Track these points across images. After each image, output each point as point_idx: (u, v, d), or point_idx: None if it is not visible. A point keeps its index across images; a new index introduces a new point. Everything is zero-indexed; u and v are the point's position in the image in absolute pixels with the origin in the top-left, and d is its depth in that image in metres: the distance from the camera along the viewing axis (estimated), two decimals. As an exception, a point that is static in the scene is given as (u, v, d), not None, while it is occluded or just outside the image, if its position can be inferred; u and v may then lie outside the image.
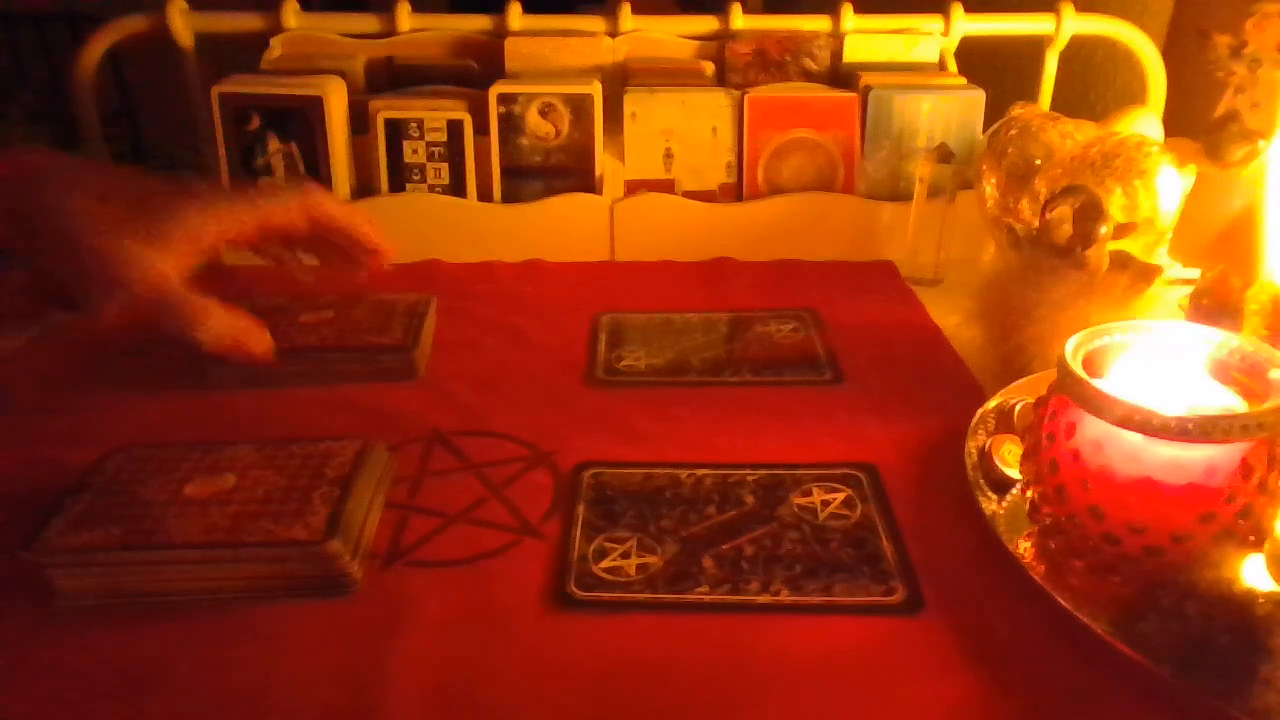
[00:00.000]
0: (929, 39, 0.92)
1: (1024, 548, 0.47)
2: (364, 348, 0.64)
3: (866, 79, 0.87)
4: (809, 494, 0.52)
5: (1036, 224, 0.65)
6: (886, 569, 0.47)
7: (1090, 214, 0.61)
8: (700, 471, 0.54)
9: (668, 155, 0.87)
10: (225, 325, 0.56)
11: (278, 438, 0.52)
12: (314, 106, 0.82)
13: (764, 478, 0.54)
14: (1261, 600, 0.40)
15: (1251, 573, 0.41)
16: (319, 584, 0.44)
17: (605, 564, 0.47)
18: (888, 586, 0.46)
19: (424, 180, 0.85)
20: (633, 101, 0.85)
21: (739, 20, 0.91)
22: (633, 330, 0.73)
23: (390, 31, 0.91)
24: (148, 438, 0.52)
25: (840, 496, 0.52)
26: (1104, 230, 0.60)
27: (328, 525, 0.44)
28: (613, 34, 0.91)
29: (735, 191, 0.88)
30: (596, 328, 0.73)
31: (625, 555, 0.48)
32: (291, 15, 0.89)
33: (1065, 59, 0.94)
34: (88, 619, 0.44)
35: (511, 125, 0.84)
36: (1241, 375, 0.45)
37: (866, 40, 0.92)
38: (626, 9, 0.90)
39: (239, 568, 0.44)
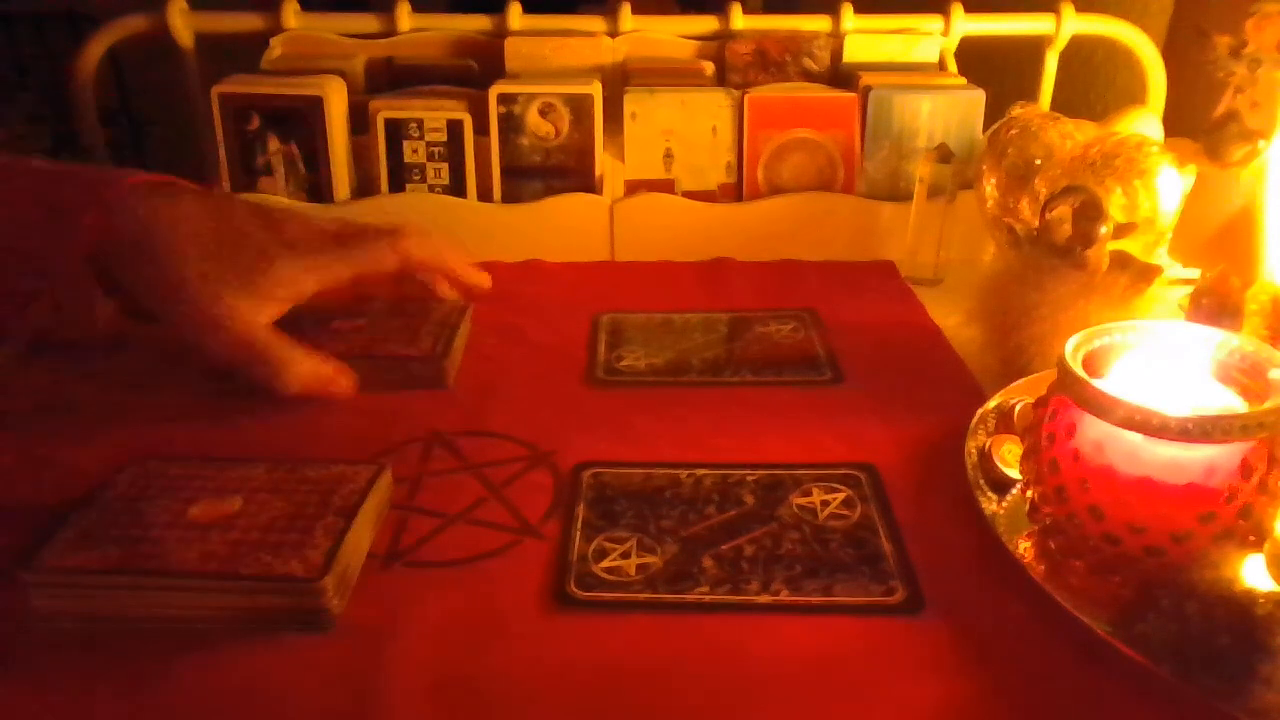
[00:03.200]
0: (929, 39, 0.92)
1: (1024, 548, 0.47)
2: (392, 357, 0.63)
3: (866, 79, 0.87)
4: (809, 494, 0.52)
5: (1036, 224, 0.65)
6: (886, 569, 0.47)
7: (1090, 214, 0.61)
8: (700, 471, 0.54)
9: (668, 155, 0.87)
10: (309, 372, 0.58)
11: (290, 455, 0.51)
12: (314, 106, 0.82)
13: (764, 478, 0.54)
14: (1261, 600, 0.40)
15: (1251, 573, 0.41)
16: (301, 619, 0.43)
17: (605, 564, 0.47)
18: (888, 586, 0.46)
19: (424, 180, 0.85)
20: (633, 101, 0.85)
21: (739, 20, 0.91)
22: (633, 330, 0.73)
23: (390, 31, 0.91)
24: (159, 436, 0.52)
25: (840, 496, 0.52)
26: (1104, 230, 0.60)
27: (325, 561, 0.43)
28: (613, 34, 0.91)
29: (735, 191, 0.88)
30: (596, 328, 0.73)
31: (625, 555, 0.48)
32: (291, 15, 0.89)
33: (1065, 59, 0.94)
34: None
35: (511, 125, 0.84)
36: (1242, 375, 0.45)
37: (866, 40, 0.92)
38: (626, 9, 0.90)
39: (223, 599, 0.43)
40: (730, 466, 0.55)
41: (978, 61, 0.94)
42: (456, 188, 0.86)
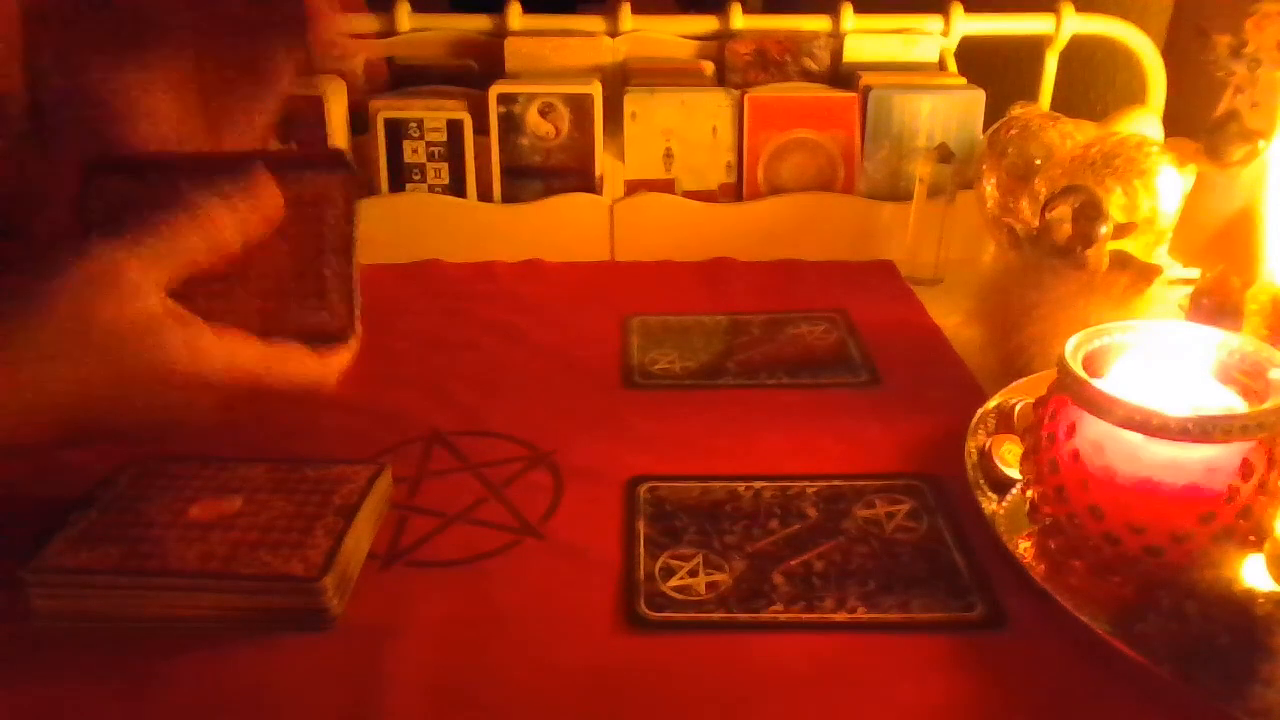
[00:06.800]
0: (929, 39, 0.92)
1: (1024, 548, 0.47)
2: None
3: (866, 79, 0.87)
4: (872, 505, 0.51)
5: (1036, 224, 0.65)
6: (963, 583, 0.46)
7: (1090, 214, 0.61)
8: (759, 484, 0.53)
9: (668, 155, 0.87)
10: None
11: (290, 456, 0.51)
12: (314, 106, 0.82)
13: (824, 489, 0.53)
14: (1261, 600, 0.40)
15: (1251, 573, 0.41)
16: (301, 618, 0.43)
17: (674, 582, 0.46)
18: (966, 601, 0.45)
19: (424, 180, 0.85)
20: (633, 101, 0.85)
21: (739, 20, 0.91)
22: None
23: (390, 31, 0.91)
24: (165, 433, 0.51)
25: (904, 508, 0.51)
26: (1104, 230, 0.60)
27: (325, 561, 0.43)
28: (613, 34, 0.91)
29: (735, 191, 0.88)
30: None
31: (693, 573, 0.47)
32: (291, 15, 0.89)
33: (1065, 59, 0.94)
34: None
35: (511, 125, 0.84)
36: (1242, 375, 0.45)
37: (866, 40, 0.92)
38: (626, 9, 0.90)
39: (223, 598, 0.43)
40: (790, 479, 0.54)
41: (978, 61, 0.94)
42: (456, 188, 0.86)
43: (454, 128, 0.84)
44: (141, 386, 0.38)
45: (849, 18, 0.91)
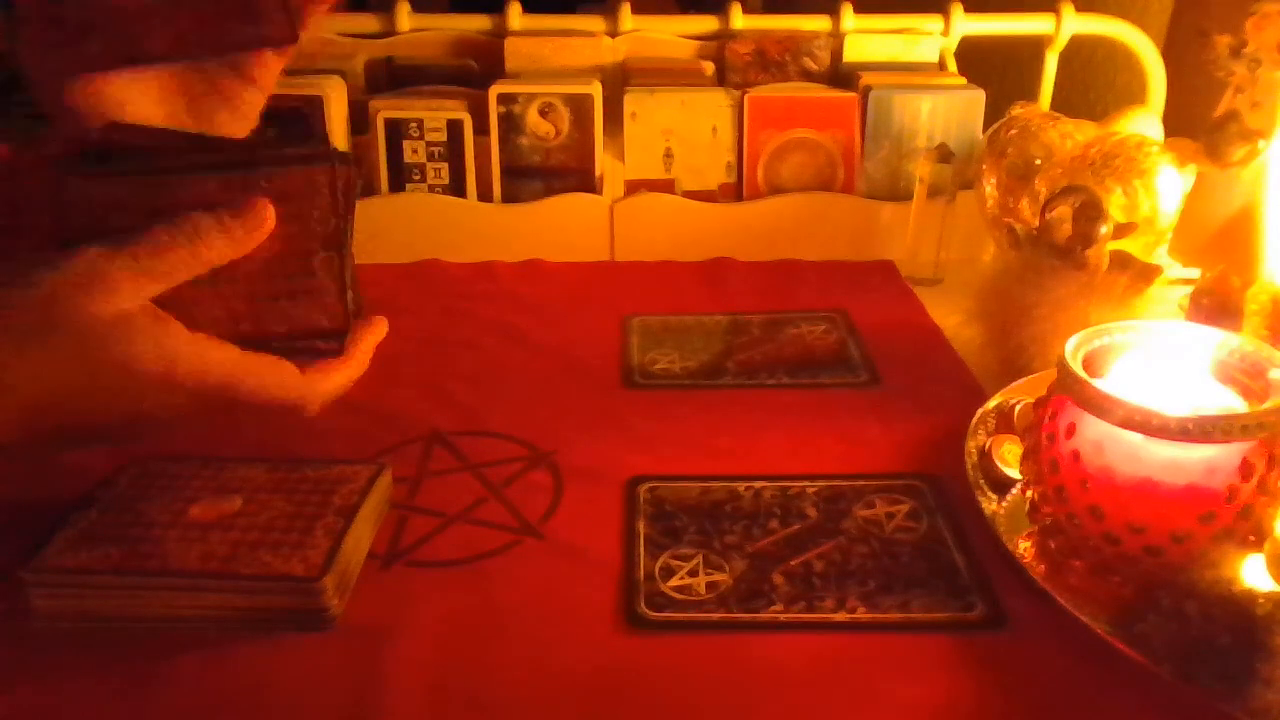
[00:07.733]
0: (929, 39, 0.92)
1: (1024, 548, 0.47)
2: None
3: (866, 79, 0.87)
4: (872, 505, 0.51)
5: (1036, 224, 0.65)
6: (962, 583, 0.46)
7: (1090, 214, 0.61)
8: (759, 484, 0.53)
9: (668, 155, 0.87)
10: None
11: (290, 456, 0.51)
12: (314, 106, 0.82)
13: (824, 489, 0.53)
14: (1261, 600, 0.40)
15: (1251, 573, 0.41)
16: (301, 618, 0.43)
17: (674, 582, 0.46)
18: (965, 601, 0.45)
19: (424, 180, 0.85)
20: (633, 101, 0.85)
21: (739, 20, 0.91)
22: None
23: (390, 31, 0.91)
24: (159, 436, 0.51)
25: (904, 508, 0.51)
26: (1104, 230, 0.60)
27: (325, 561, 0.43)
28: (613, 34, 0.91)
29: (735, 191, 0.88)
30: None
31: (693, 573, 0.47)
32: (291, 15, 0.89)
33: (1065, 59, 0.94)
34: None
35: (511, 125, 0.84)
36: (1242, 375, 0.45)
37: (866, 40, 0.92)
38: (626, 9, 0.90)
39: (223, 598, 0.43)
40: (790, 479, 0.54)
41: (978, 61, 0.94)
42: (456, 188, 0.86)
43: (454, 128, 0.84)
44: (111, 381, 0.38)
45: (849, 18, 0.91)
